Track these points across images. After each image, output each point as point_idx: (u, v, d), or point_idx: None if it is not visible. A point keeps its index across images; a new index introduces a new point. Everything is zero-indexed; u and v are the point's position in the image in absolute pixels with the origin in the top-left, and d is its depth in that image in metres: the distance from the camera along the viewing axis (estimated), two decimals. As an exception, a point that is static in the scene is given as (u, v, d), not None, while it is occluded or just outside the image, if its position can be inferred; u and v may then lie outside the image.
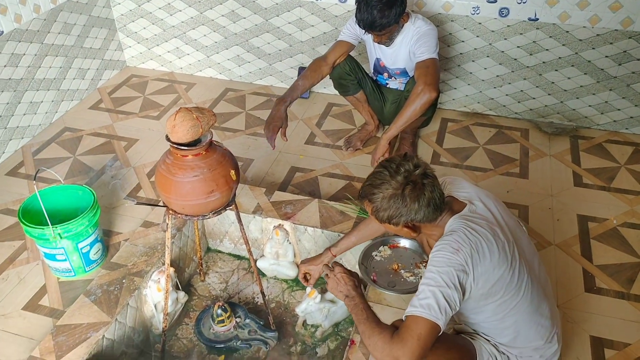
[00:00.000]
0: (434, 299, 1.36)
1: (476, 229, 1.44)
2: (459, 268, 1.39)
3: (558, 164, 2.88)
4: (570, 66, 2.97)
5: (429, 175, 1.46)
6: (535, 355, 1.62)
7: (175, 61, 3.76)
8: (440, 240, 1.46)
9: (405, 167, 1.45)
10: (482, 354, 1.59)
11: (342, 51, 2.70)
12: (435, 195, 1.45)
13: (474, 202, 1.53)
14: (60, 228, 2.07)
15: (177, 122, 1.60)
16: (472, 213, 1.50)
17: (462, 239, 1.42)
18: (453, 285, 1.38)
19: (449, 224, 1.48)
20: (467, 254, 1.40)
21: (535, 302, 1.55)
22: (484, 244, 1.42)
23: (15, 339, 2.03)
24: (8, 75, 2.90)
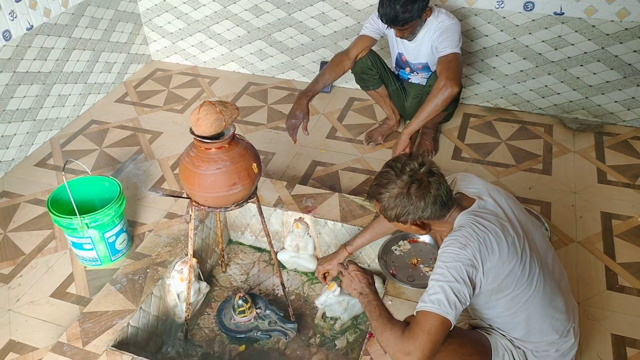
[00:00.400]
0: (443, 294, 1.37)
1: (484, 224, 1.45)
2: (467, 263, 1.40)
3: (582, 160, 2.84)
4: (596, 61, 2.92)
5: (435, 173, 1.47)
6: (550, 349, 1.61)
7: (199, 55, 3.80)
8: (448, 236, 1.47)
9: (411, 166, 1.47)
10: (497, 348, 1.60)
11: (364, 45, 2.70)
12: (442, 193, 1.46)
13: (483, 198, 1.54)
14: (88, 218, 2.13)
15: (201, 115, 1.63)
16: (480, 209, 1.51)
17: (470, 234, 1.42)
18: (462, 280, 1.39)
19: (458, 220, 1.49)
20: (475, 249, 1.40)
21: (548, 296, 1.55)
22: (492, 238, 1.43)
23: (44, 325, 2.10)
24: (37, 68, 2.98)
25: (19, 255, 2.40)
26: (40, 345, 2.02)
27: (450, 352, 1.48)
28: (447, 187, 1.49)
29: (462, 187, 1.62)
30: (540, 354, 1.62)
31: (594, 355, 1.91)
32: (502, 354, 1.60)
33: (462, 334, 1.55)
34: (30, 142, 3.03)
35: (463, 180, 1.65)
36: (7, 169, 2.90)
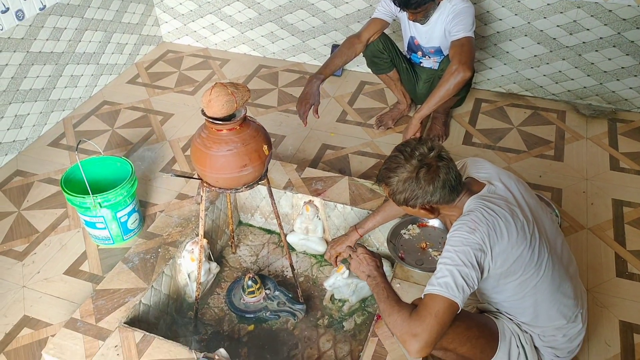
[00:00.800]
0: (451, 278, 1.38)
1: (494, 208, 1.45)
2: (476, 247, 1.40)
3: (595, 147, 2.82)
4: (612, 47, 2.88)
5: (444, 158, 1.47)
6: (558, 334, 1.62)
7: (210, 37, 3.80)
8: (457, 220, 1.47)
9: (420, 151, 1.47)
10: (504, 332, 1.61)
11: (376, 29, 2.68)
12: (451, 177, 1.46)
13: (493, 183, 1.54)
14: (100, 197, 2.16)
15: (213, 97, 1.63)
16: (490, 193, 1.51)
17: (479, 218, 1.43)
18: (470, 264, 1.39)
19: (467, 205, 1.50)
20: (484, 233, 1.41)
21: (556, 281, 1.55)
22: (501, 223, 1.43)
23: (58, 301, 2.14)
24: (50, 48, 3.00)
25: (33, 233, 2.44)
26: (54, 321, 2.06)
27: (456, 334, 1.49)
28: (457, 171, 1.49)
29: (472, 171, 1.61)
30: (547, 338, 1.63)
31: (602, 341, 1.92)
32: (509, 338, 1.61)
33: (469, 317, 1.56)
34: (44, 122, 3.06)
35: (473, 165, 1.64)
36: (20, 149, 2.94)
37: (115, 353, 1.76)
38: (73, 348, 1.79)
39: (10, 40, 2.74)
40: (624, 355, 1.87)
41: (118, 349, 1.77)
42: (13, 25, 2.74)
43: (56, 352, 1.78)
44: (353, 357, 1.99)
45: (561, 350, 1.66)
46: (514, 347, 1.61)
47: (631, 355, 1.88)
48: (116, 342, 1.79)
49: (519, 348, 1.61)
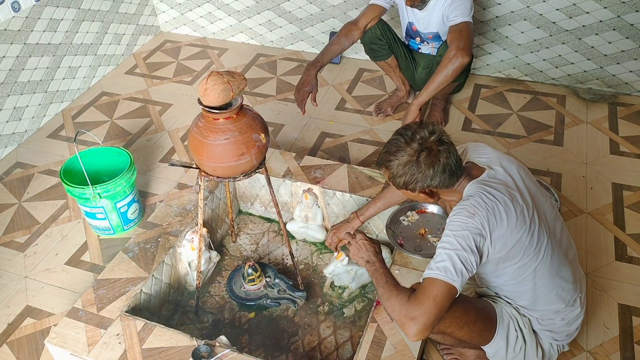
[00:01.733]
0: (450, 262, 1.38)
1: (493, 193, 1.45)
2: (475, 232, 1.40)
3: (595, 131, 2.81)
4: (612, 30, 2.85)
5: (445, 142, 1.46)
6: (556, 317, 1.63)
7: (207, 26, 3.78)
8: (457, 205, 1.47)
9: (421, 134, 1.46)
10: (502, 316, 1.61)
11: (374, 15, 2.67)
12: (451, 162, 1.46)
13: (493, 167, 1.53)
14: (100, 188, 2.17)
15: (209, 85, 1.63)
16: (490, 178, 1.50)
17: (479, 203, 1.43)
18: (469, 248, 1.39)
19: (467, 189, 1.49)
20: (483, 218, 1.41)
21: (555, 265, 1.55)
22: (500, 207, 1.43)
23: (59, 291, 2.16)
24: (47, 40, 2.99)
25: (34, 224, 2.45)
26: (56, 311, 2.08)
27: (454, 318, 1.50)
28: (457, 156, 1.49)
29: (472, 156, 1.61)
30: (545, 322, 1.64)
31: (600, 324, 1.93)
32: (507, 322, 1.62)
33: (467, 301, 1.57)
34: (42, 113, 3.06)
35: (474, 150, 1.64)
36: (20, 141, 2.94)
37: (117, 341, 1.78)
38: (75, 337, 1.80)
39: (6, 32, 2.74)
40: (622, 338, 1.88)
41: (120, 337, 1.79)
42: (9, 17, 2.73)
43: (59, 341, 1.80)
44: (353, 343, 2.01)
45: (559, 334, 1.67)
46: (512, 330, 1.62)
47: (629, 337, 1.89)
48: (118, 331, 1.81)
49: (517, 332, 1.62)
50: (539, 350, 1.67)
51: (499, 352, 1.63)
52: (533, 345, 1.65)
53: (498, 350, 1.62)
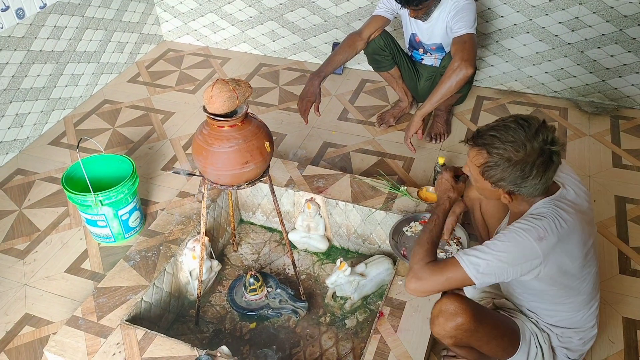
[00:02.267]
0: (485, 264, 1.37)
1: (566, 218, 1.39)
2: (534, 256, 1.37)
3: (597, 144, 2.81)
4: (614, 43, 2.87)
5: (559, 155, 1.36)
6: (575, 337, 1.62)
7: (210, 36, 3.79)
8: (528, 217, 1.41)
9: (544, 135, 1.32)
10: (524, 332, 1.60)
11: (377, 26, 2.68)
12: (552, 176, 1.38)
13: (566, 187, 1.47)
14: (102, 195, 2.16)
15: (214, 93, 1.62)
16: (562, 198, 1.44)
17: (551, 228, 1.37)
18: (514, 268, 1.38)
19: (538, 205, 1.43)
20: (551, 243, 1.36)
21: (592, 292, 1.56)
22: (570, 236, 1.39)
23: (59, 299, 2.14)
24: (51, 47, 2.99)
25: (34, 231, 2.43)
26: (55, 319, 2.06)
27: (484, 333, 1.49)
28: (559, 162, 1.40)
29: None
30: (564, 339, 1.63)
31: (605, 338, 1.91)
32: (529, 338, 1.60)
33: (495, 317, 1.56)
34: (44, 120, 3.05)
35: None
36: (21, 147, 2.93)
37: (117, 350, 1.76)
38: (75, 346, 1.78)
39: (10, 38, 2.74)
40: (627, 352, 1.87)
41: (120, 347, 1.77)
42: (13, 24, 2.74)
43: (58, 349, 1.78)
44: (355, 354, 1.98)
45: (574, 352, 1.66)
46: (533, 346, 1.60)
47: (634, 351, 1.87)
48: (118, 340, 1.79)
49: (537, 348, 1.61)
50: (556, 366, 1.66)
51: None
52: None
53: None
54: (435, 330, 1.50)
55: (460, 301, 1.45)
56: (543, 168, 1.34)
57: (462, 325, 1.44)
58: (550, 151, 1.34)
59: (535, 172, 1.34)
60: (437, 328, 1.49)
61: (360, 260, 2.22)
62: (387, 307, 1.89)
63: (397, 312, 1.86)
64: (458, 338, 1.47)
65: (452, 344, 1.51)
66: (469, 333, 1.45)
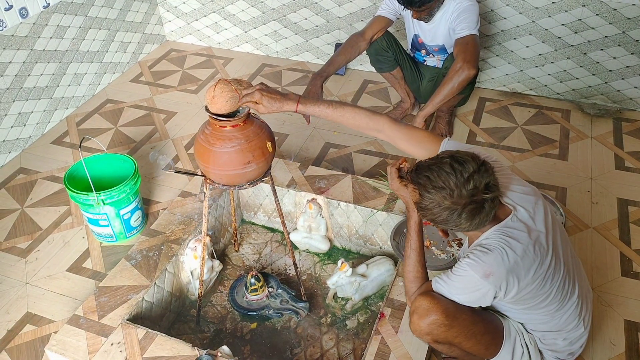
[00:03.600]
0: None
1: (515, 247, 1.39)
2: (486, 290, 1.42)
3: (599, 146, 2.81)
4: (617, 45, 2.86)
5: (495, 199, 1.37)
6: (558, 338, 1.62)
7: (213, 36, 3.79)
8: (476, 248, 1.43)
9: (475, 183, 1.32)
10: (510, 330, 1.61)
11: (380, 27, 2.68)
12: (489, 216, 1.39)
13: (517, 207, 1.45)
14: (104, 194, 2.16)
15: (217, 93, 1.63)
16: (513, 222, 1.43)
17: (498, 261, 1.38)
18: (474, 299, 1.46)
19: (487, 234, 1.44)
20: (500, 278, 1.39)
21: (565, 299, 1.55)
22: (522, 262, 1.40)
23: (60, 298, 2.14)
24: (54, 46, 3.00)
25: (36, 230, 2.44)
26: (56, 318, 2.06)
27: (462, 328, 1.49)
28: (496, 204, 1.40)
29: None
30: (547, 341, 1.63)
31: (606, 341, 1.90)
32: (514, 337, 1.60)
33: (475, 313, 1.55)
34: (47, 120, 3.06)
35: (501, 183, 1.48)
36: (24, 146, 2.94)
37: (118, 350, 1.76)
38: (76, 344, 1.78)
39: (13, 38, 2.75)
40: (628, 354, 1.86)
41: (121, 346, 1.77)
42: (17, 23, 2.74)
43: (59, 348, 1.78)
44: (356, 355, 1.98)
45: (562, 353, 1.65)
46: (518, 346, 1.60)
47: (636, 354, 1.86)
48: (119, 339, 1.79)
49: (523, 347, 1.61)
50: (543, 368, 1.65)
51: None
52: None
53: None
54: (412, 329, 1.52)
55: (432, 298, 1.47)
56: (472, 214, 1.35)
57: (436, 321, 1.45)
58: (482, 199, 1.34)
59: (465, 217, 1.36)
60: (412, 326, 1.51)
61: (362, 261, 2.22)
62: (388, 308, 1.88)
63: (398, 313, 1.86)
64: (435, 334, 1.48)
65: (430, 340, 1.52)
66: (444, 329, 1.46)
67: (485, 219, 1.40)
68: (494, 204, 1.38)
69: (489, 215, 1.39)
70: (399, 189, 1.59)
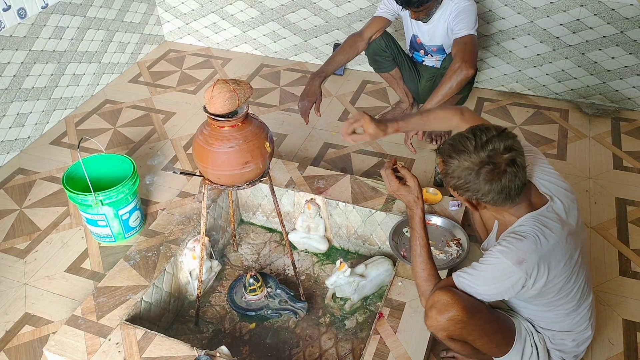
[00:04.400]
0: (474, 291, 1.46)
1: (549, 235, 1.40)
2: (515, 280, 1.39)
3: (598, 146, 2.81)
4: (615, 45, 2.87)
5: (516, 164, 1.35)
6: (567, 339, 1.62)
7: (212, 36, 3.80)
8: (508, 235, 1.43)
9: (494, 145, 1.34)
10: (520, 330, 1.61)
11: (378, 27, 2.68)
12: (513, 186, 1.36)
13: (554, 198, 1.46)
14: (102, 195, 2.16)
15: (215, 93, 1.63)
16: (549, 212, 1.44)
17: (531, 248, 1.38)
18: (502, 290, 1.42)
19: (522, 221, 1.43)
20: (532, 265, 1.38)
21: (582, 298, 1.56)
22: (553, 252, 1.40)
23: (59, 299, 2.14)
24: (52, 47, 3.00)
25: (35, 230, 2.44)
26: (55, 319, 2.06)
27: (477, 326, 1.48)
28: (523, 181, 1.38)
29: (536, 174, 1.53)
30: (556, 341, 1.63)
31: (605, 340, 1.91)
32: (525, 336, 1.61)
33: (489, 312, 1.55)
34: (46, 120, 3.06)
35: (538, 167, 1.54)
36: (22, 147, 2.94)
37: (117, 350, 1.76)
38: (74, 345, 1.78)
39: (12, 38, 2.74)
40: (627, 354, 1.87)
41: (119, 346, 1.77)
42: (15, 24, 2.74)
43: (57, 349, 1.78)
44: (354, 355, 1.98)
45: (568, 354, 1.66)
46: (528, 345, 1.61)
47: (634, 353, 1.87)
48: (117, 339, 1.79)
49: (532, 347, 1.61)
50: (550, 368, 1.66)
51: None
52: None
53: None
54: (429, 323, 1.50)
55: (453, 293, 1.45)
56: (492, 176, 1.35)
57: (455, 317, 1.43)
58: (503, 160, 1.34)
59: (484, 180, 1.35)
60: (430, 321, 1.49)
61: (360, 261, 2.22)
62: (386, 308, 1.89)
63: (397, 313, 1.86)
64: (450, 331, 1.46)
65: (445, 337, 1.50)
66: (461, 325, 1.45)
67: (509, 195, 1.38)
68: (517, 178, 1.36)
69: (514, 186, 1.36)
70: (399, 188, 1.60)
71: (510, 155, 1.35)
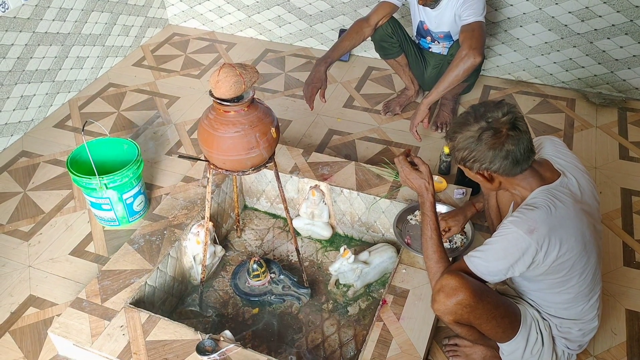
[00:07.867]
0: (485, 265, 1.45)
1: (559, 207, 1.40)
2: (527, 247, 1.39)
3: (604, 136, 2.79)
4: (624, 34, 2.83)
5: (517, 128, 1.39)
6: (574, 328, 1.62)
7: (216, 20, 3.76)
8: (521, 208, 1.43)
9: (493, 114, 1.39)
10: (526, 317, 1.61)
11: (385, 13, 2.65)
12: (517, 150, 1.38)
13: (567, 175, 1.48)
14: (106, 178, 2.15)
15: (221, 77, 1.61)
16: (562, 187, 1.45)
17: (542, 219, 1.38)
18: (513, 262, 1.42)
19: (535, 194, 1.45)
20: (543, 235, 1.38)
21: (593, 283, 1.56)
22: (564, 223, 1.40)
23: (63, 281, 2.15)
24: (56, 29, 2.97)
25: (39, 213, 2.44)
26: (59, 301, 2.07)
27: (485, 310, 1.49)
28: (529, 146, 1.41)
29: (549, 152, 1.56)
30: (563, 329, 1.63)
31: (608, 330, 1.91)
32: (530, 323, 1.61)
33: (498, 297, 1.56)
34: (49, 103, 3.05)
35: (552, 146, 1.59)
36: (26, 129, 2.93)
37: (121, 333, 1.77)
38: (79, 327, 1.79)
39: (16, 20, 2.72)
40: (629, 344, 1.87)
41: (124, 329, 1.78)
42: (19, 5, 2.72)
43: (62, 331, 1.79)
44: (357, 341, 1.99)
45: (573, 343, 1.66)
46: (533, 332, 1.61)
47: (636, 343, 1.87)
48: (122, 322, 1.80)
49: (538, 334, 1.61)
50: (554, 355, 1.66)
51: (516, 352, 1.62)
52: (550, 350, 1.64)
53: (516, 349, 1.61)
54: (436, 307, 1.50)
55: (461, 277, 1.46)
56: (494, 140, 1.38)
57: (463, 301, 1.44)
58: (501, 124, 1.38)
59: (486, 145, 1.39)
60: (437, 305, 1.49)
61: (364, 248, 2.22)
62: (390, 294, 1.89)
63: (400, 300, 1.87)
64: (458, 314, 1.47)
65: (452, 320, 1.50)
66: (469, 309, 1.45)
67: (516, 160, 1.39)
68: (520, 142, 1.38)
69: (518, 150, 1.38)
70: (411, 172, 1.66)
71: (509, 118, 1.39)
